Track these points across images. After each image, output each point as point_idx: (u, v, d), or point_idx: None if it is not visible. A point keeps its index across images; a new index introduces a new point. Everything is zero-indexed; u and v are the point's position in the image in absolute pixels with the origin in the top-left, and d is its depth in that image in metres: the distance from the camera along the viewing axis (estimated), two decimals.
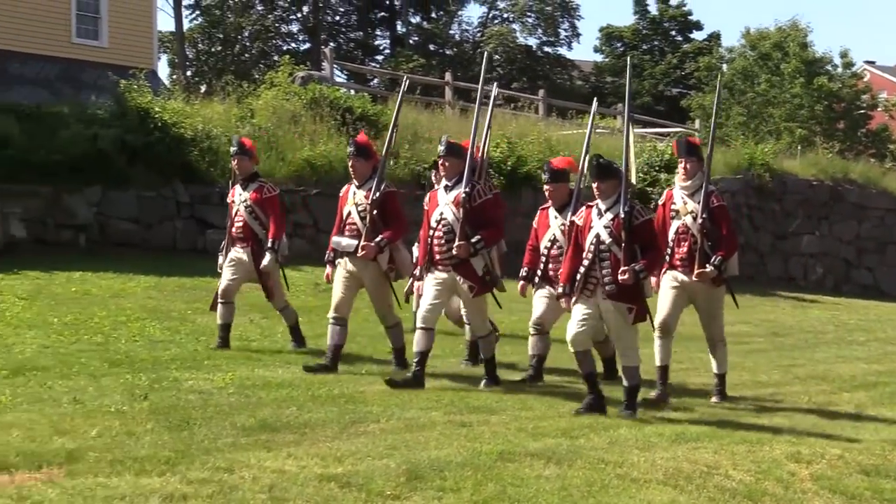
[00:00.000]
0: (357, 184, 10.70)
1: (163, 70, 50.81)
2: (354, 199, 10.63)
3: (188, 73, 50.29)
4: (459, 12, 60.99)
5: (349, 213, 10.65)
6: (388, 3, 58.76)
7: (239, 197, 11.63)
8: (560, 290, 9.32)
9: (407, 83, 12.25)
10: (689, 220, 9.98)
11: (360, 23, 59.11)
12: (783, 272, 26.35)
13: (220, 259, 11.73)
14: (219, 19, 54.39)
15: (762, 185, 26.13)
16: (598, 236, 9.04)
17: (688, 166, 10.09)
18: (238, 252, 11.55)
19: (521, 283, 11.01)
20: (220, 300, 11.57)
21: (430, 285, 10.09)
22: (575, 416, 8.90)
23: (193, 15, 54.65)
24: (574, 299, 9.12)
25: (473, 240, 9.86)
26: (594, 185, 9.20)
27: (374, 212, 10.42)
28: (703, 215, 9.85)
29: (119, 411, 8.17)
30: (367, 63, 53.72)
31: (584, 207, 9.40)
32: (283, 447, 7.32)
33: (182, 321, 12.89)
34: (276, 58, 40.93)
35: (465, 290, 9.98)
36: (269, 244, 11.41)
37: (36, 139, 17.40)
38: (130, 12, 30.67)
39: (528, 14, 59.74)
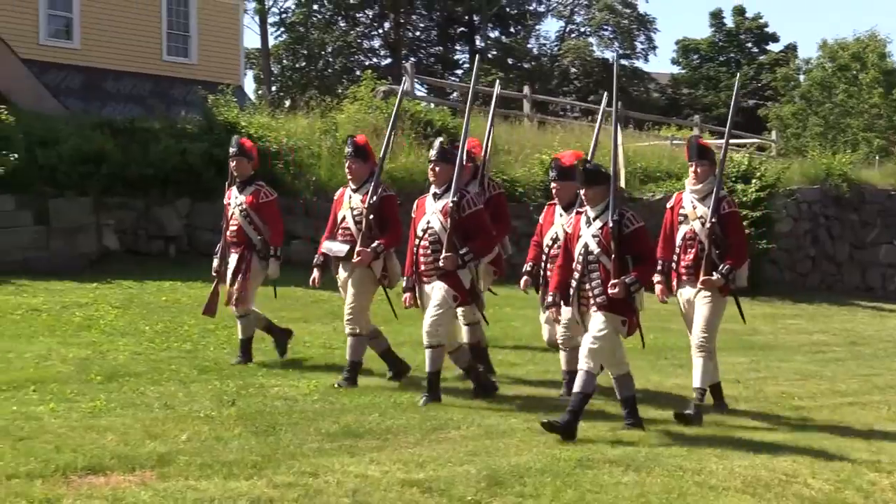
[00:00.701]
0: (353, 187, 10.12)
1: (249, 86, 51.42)
2: (350, 203, 10.08)
3: (273, 88, 50.83)
4: (537, 27, 60.97)
5: (343, 218, 10.09)
6: (467, 18, 58.85)
7: (235, 200, 10.98)
8: (549, 298, 8.82)
9: (406, 83, 11.67)
10: (697, 225, 9.32)
11: (440, 38, 59.27)
12: (861, 282, 25.86)
13: (215, 262, 11.10)
14: (303, 36, 54.84)
15: (840, 196, 25.71)
16: (586, 246, 8.43)
17: (698, 170, 9.44)
18: (234, 259, 10.93)
19: (525, 278, 10.48)
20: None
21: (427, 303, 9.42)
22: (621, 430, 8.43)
23: (278, 32, 55.17)
24: (571, 314, 8.61)
25: (462, 251, 9.27)
26: (581, 192, 8.63)
27: (371, 216, 9.87)
28: (712, 220, 9.20)
29: (208, 416, 8.27)
30: (446, 77, 53.84)
31: (573, 214, 8.85)
32: (366, 452, 7.36)
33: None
34: (358, 73, 41.17)
35: (448, 297, 9.22)
36: (272, 252, 10.85)
37: (129, 154, 17.68)
38: (218, 30, 31.10)
39: (605, 28, 59.52)
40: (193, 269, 16.81)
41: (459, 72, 58.14)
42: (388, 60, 55.47)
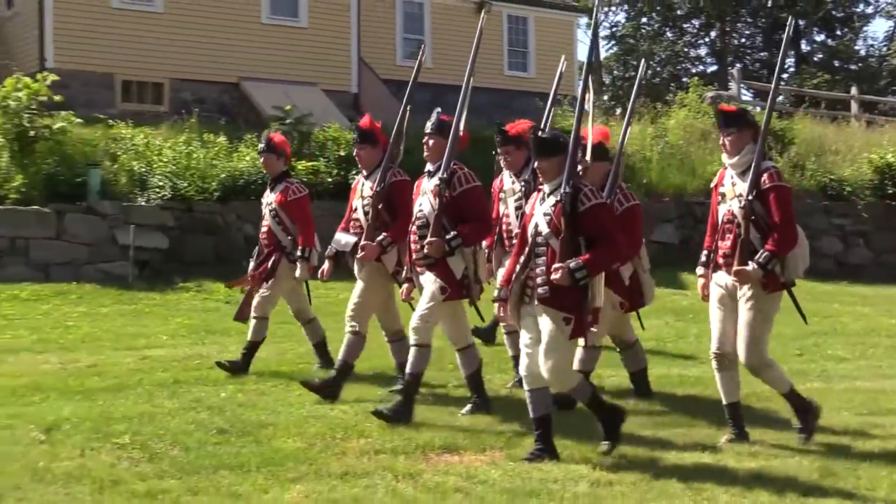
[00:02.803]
0: (365, 174, 8.72)
1: None
2: (362, 192, 8.64)
3: (605, 97, 50.88)
4: (864, 28, 57.98)
5: (356, 208, 8.68)
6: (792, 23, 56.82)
7: (266, 199, 9.84)
8: (496, 292, 7.02)
9: (425, 52, 9.74)
10: (735, 204, 7.15)
11: (766, 43, 57.40)
12: None
13: (252, 265, 9.88)
14: (632, 47, 54.70)
15: None
16: (536, 226, 6.73)
17: (726, 141, 7.23)
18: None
19: None
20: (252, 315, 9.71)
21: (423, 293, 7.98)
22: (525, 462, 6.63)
23: (610, 44, 55.35)
24: (512, 310, 6.81)
25: (448, 236, 7.73)
26: (535, 165, 6.97)
27: (380, 206, 8.41)
28: (749, 196, 7.05)
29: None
30: (771, 82, 52.09)
31: (535, 192, 7.10)
32: (699, 441, 7.23)
33: None
34: (685, 80, 40.62)
35: (436, 290, 7.73)
36: (300, 253, 9.48)
37: (469, 163, 18.15)
38: (554, 45, 31.46)
39: None
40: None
41: (785, 76, 56.19)
42: (714, 67, 54.38)
